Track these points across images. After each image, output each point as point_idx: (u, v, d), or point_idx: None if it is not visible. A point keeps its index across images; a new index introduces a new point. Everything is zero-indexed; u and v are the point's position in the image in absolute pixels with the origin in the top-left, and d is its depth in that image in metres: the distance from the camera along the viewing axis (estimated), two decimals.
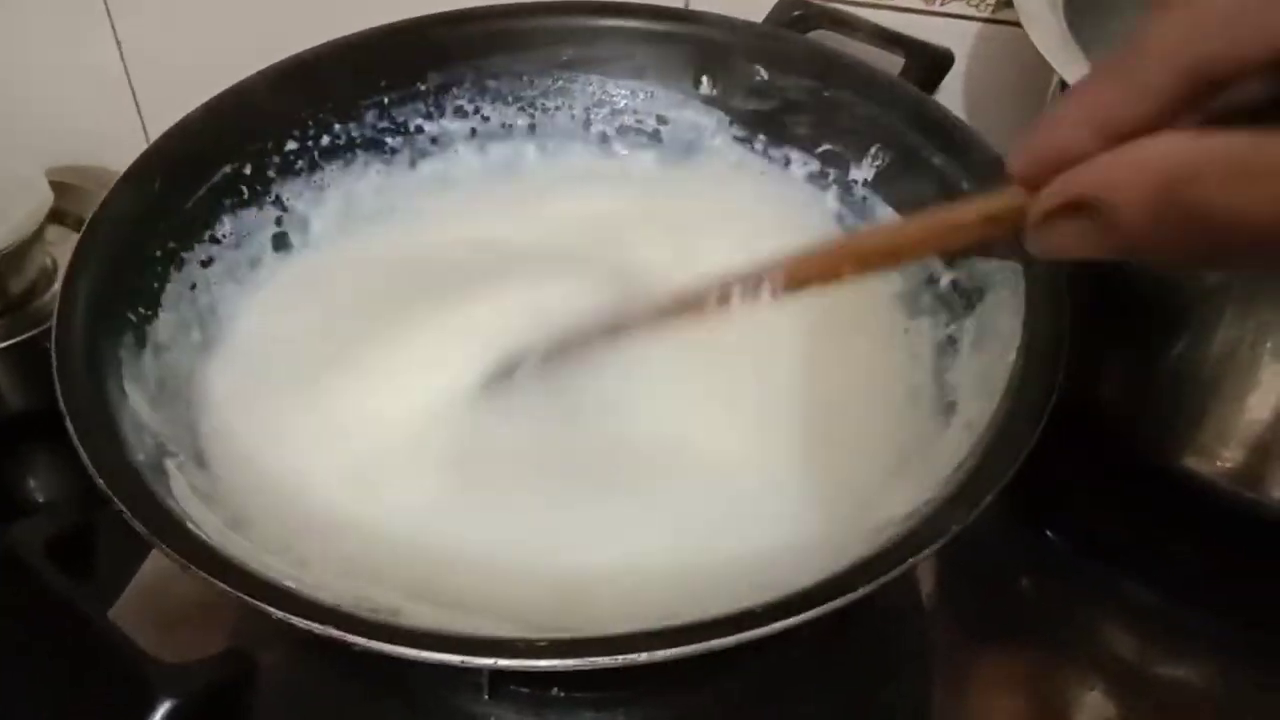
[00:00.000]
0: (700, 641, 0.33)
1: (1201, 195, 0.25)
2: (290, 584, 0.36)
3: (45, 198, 0.67)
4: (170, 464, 0.41)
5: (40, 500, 0.68)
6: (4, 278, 0.66)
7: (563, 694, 0.46)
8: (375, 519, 0.44)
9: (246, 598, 0.34)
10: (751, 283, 0.40)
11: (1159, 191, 0.25)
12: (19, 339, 0.65)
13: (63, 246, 0.71)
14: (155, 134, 0.73)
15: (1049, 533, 0.56)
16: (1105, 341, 0.52)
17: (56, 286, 0.68)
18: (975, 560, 0.53)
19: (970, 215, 0.34)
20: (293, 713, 0.44)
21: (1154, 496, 0.54)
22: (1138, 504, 0.55)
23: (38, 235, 0.67)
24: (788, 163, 0.59)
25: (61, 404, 0.39)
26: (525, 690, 0.45)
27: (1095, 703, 0.49)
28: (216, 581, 0.34)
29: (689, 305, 0.43)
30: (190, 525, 0.37)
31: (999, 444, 0.41)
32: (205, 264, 0.52)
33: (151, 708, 0.33)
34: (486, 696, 0.45)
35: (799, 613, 0.34)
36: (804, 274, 0.40)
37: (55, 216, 0.69)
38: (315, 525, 0.44)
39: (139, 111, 0.78)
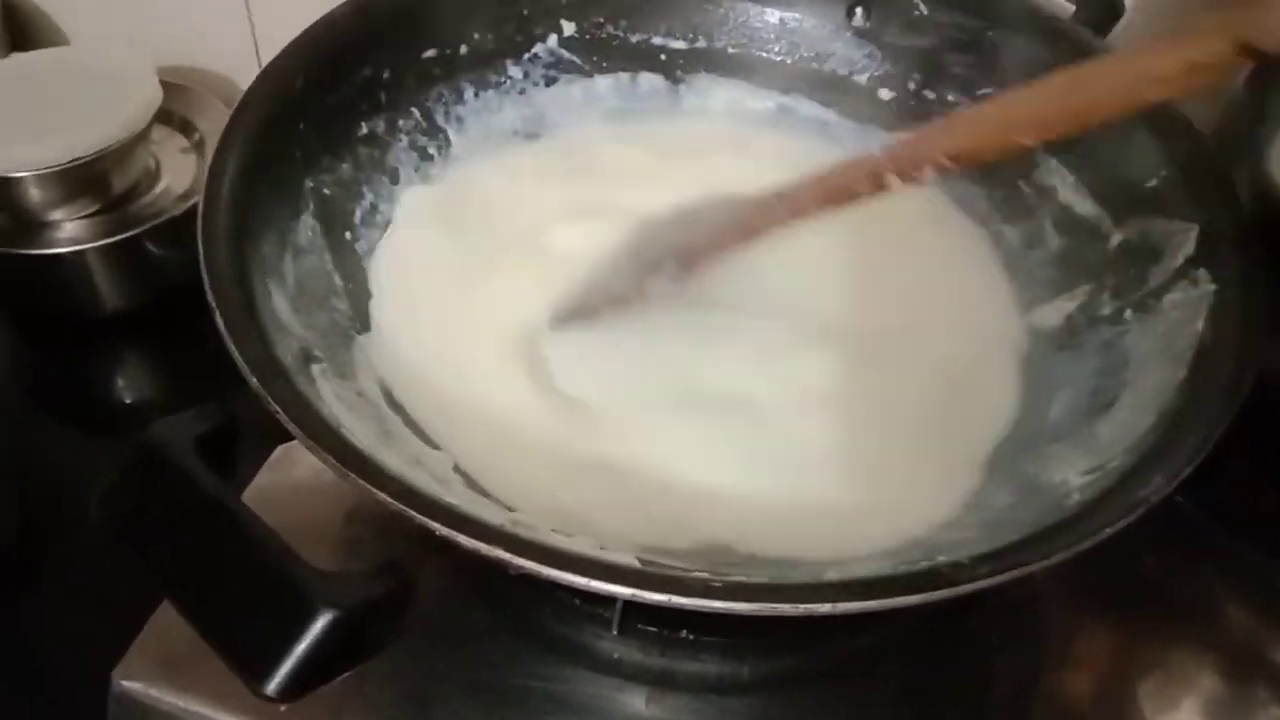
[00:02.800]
0: (888, 597, 0.32)
1: None
2: (450, 499, 0.34)
3: (155, 94, 0.65)
4: (315, 369, 0.40)
5: (127, 401, 0.67)
6: (108, 174, 0.65)
7: (691, 636, 0.44)
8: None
9: (411, 511, 0.32)
10: (909, 163, 0.38)
11: None
12: (120, 237, 0.64)
13: (167, 146, 0.70)
14: (265, 37, 0.72)
15: (1180, 498, 0.53)
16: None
17: (159, 187, 0.68)
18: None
19: (1171, 65, 0.32)
20: (418, 637, 0.42)
21: None
22: None
23: (144, 133, 0.66)
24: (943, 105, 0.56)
25: (211, 297, 0.38)
26: (654, 629, 0.44)
27: (1211, 686, 0.47)
28: (379, 493, 0.33)
29: (839, 192, 0.42)
30: (344, 432, 0.36)
31: (1190, 414, 0.38)
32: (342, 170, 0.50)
33: (310, 617, 0.31)
34: (615, 632, 0.44)
35: (986, 577, 0.32)
36: (973, 145, 0.38)
37: (161, 116, 0.67)
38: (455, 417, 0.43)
39: (250, 15, 0.76)
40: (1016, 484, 0.43)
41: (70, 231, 0.64)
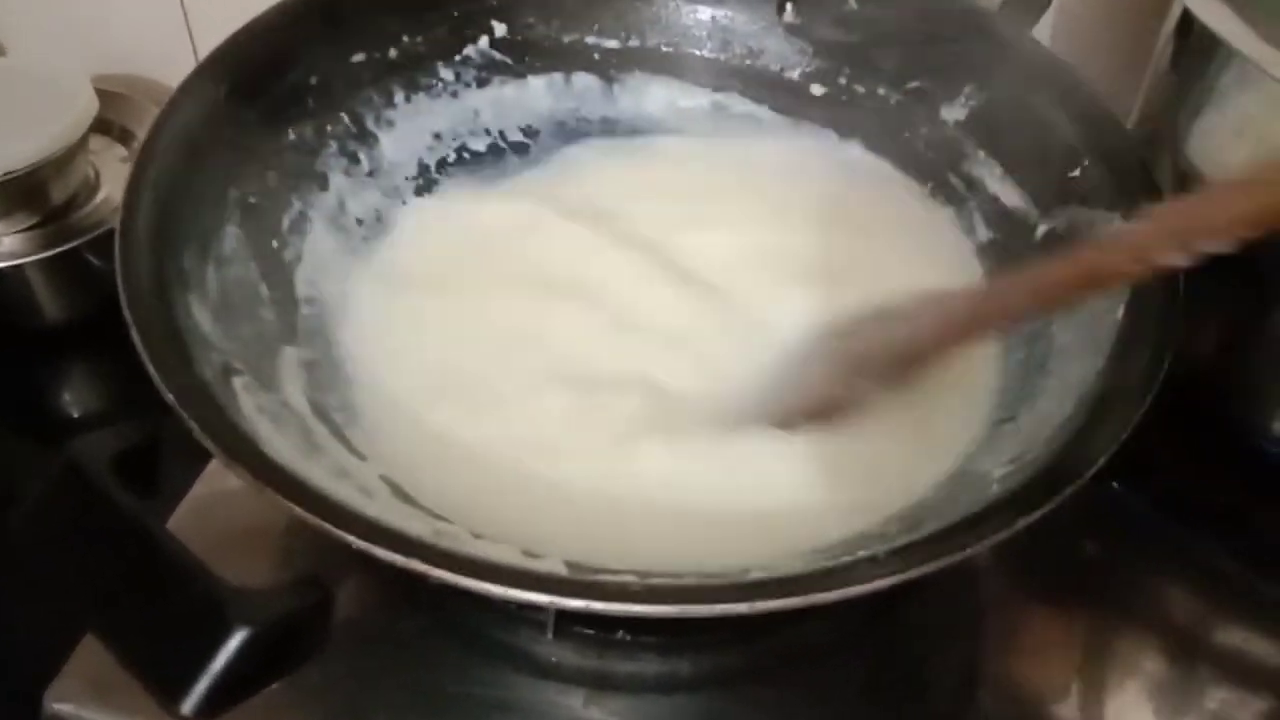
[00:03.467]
0: (804, 594, 0.32)
1: None
2: (370, 511, 0.34)
3: (91, 104, 0.65)
4: (237, 382, 0.40)
5: (74, 414, 0.67)
6: (46, 186, 0.64)
7: (628, 637, 0.44)
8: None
9: (327, 524, 0.32)
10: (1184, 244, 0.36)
11: None
12: (59, 249, 0.64)
13: (106, 156, 0.70)
14: (203, 44, 0.71)
15: (1116, 485, 0.54)
16: (1202, 298, 0.50)
17: (99, 198, 0.67)
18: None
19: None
20: (350, 646, 0.42)
21: (1239, 459, 0.52)
22: (1220, 465, 0.53)
23: (82, 144, 0.65)
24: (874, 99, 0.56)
25: (127, 314, 0.37)
26: (590, 631, 0.44)
27: (1154, 669, 0.47)
28: (295, 506, 0.33)
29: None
30: (262, 446, 0.36)
31: (1108, 402, 0.39)
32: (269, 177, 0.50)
33: (225, 634, 0.31)
34: (550, 636, 0.44)
35: (904, 570, 0.33)
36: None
37: (99, 126, 0.67)
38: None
39: (187, 21, 0.75)
40: (948, 474, 0.43)
41: (8, 245, 0.64)
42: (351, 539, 0.32)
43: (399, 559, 0.32)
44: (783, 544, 0.41)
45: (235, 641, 0.31)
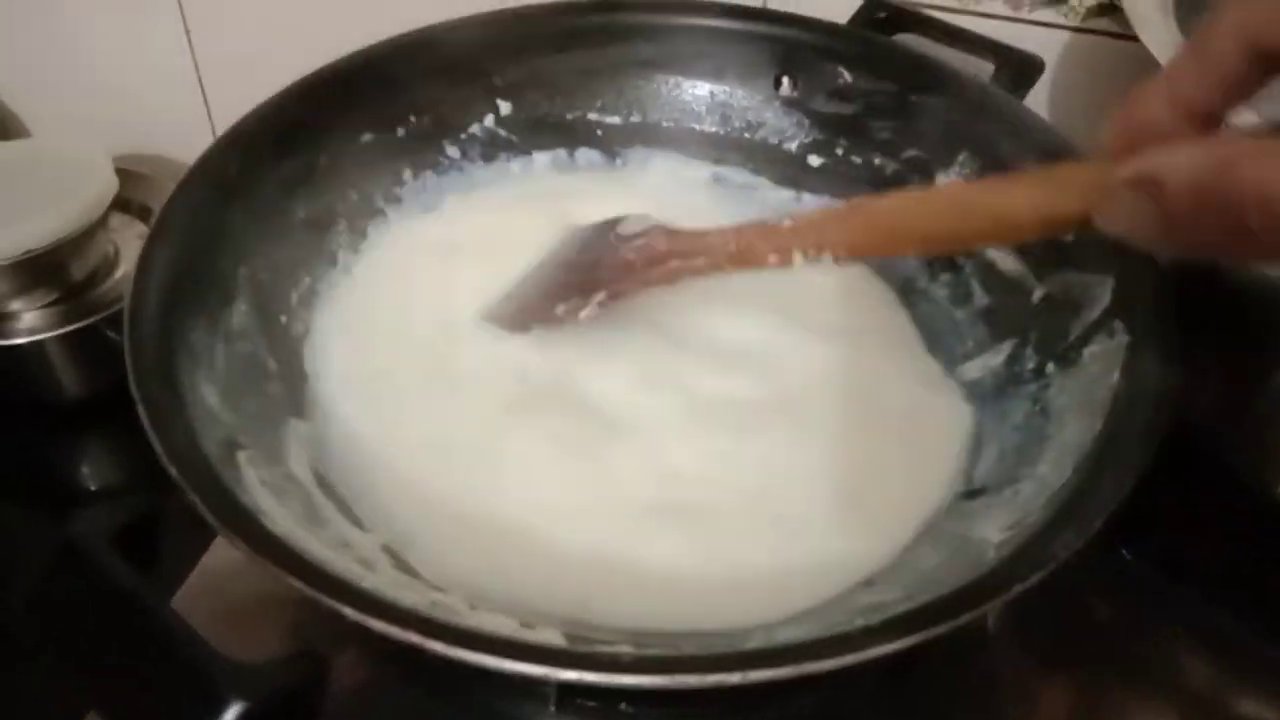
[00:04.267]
0: (799, 664, 0.32)
1: (1235, 179, 0.28)
2: (366, 584, 0.34)
3: (110, 184, 0.66)
4: (241, 456, 0.40)
5: (93, 488, 0.67)
6: (66, 263, 0.66)
7: (630, 709, 0.44)
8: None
9: (322, 596, 0.33)
10: (813, 244, 0.43)
11: (1201, 174, 0.29)
12: (79, 325, 0.65)
13: (125, 234, 0.71)
14: (221, 124, 0.73)
15: (1125, 552, 0.53)
16: (1206, 358, 0.50)
17: (118, 274, 0.69)
18: (1044, 580, 0.50)
19: (1041, 194, 0.36)
20: (354, 718, 0.42)
21: (1248, 523, 0.51)
22: (1229, 529, 0.53)
23: (102, 222, 0.67)
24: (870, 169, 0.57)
25: (134, 390, 0.38)
26: (592, 704, 0.44)
27: None
28: (291, 578, 0.33)
29: (750, 256, 0.45)
30: (262, 519, 0.36)
31: (1105, 464, 0.39)
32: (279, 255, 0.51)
33: (220, 710, 0.31)
34: (553, 709, 0.43)
35: (899, 639, 0.33)
36: (865, 242, 0.42)
37: (119, 204, 0.69)
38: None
39: (205, 101, 0.78)
40: (945, 542, 0.43)
41: (29, 321, 0.65)
42: (346, 610, 0.32)
43: (393, 630, 0.32)
44: (764, 603, 0.42)
45: (230, 716, 0.31)
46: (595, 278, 0.49)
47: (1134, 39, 0.48)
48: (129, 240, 0.71)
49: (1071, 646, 0.50)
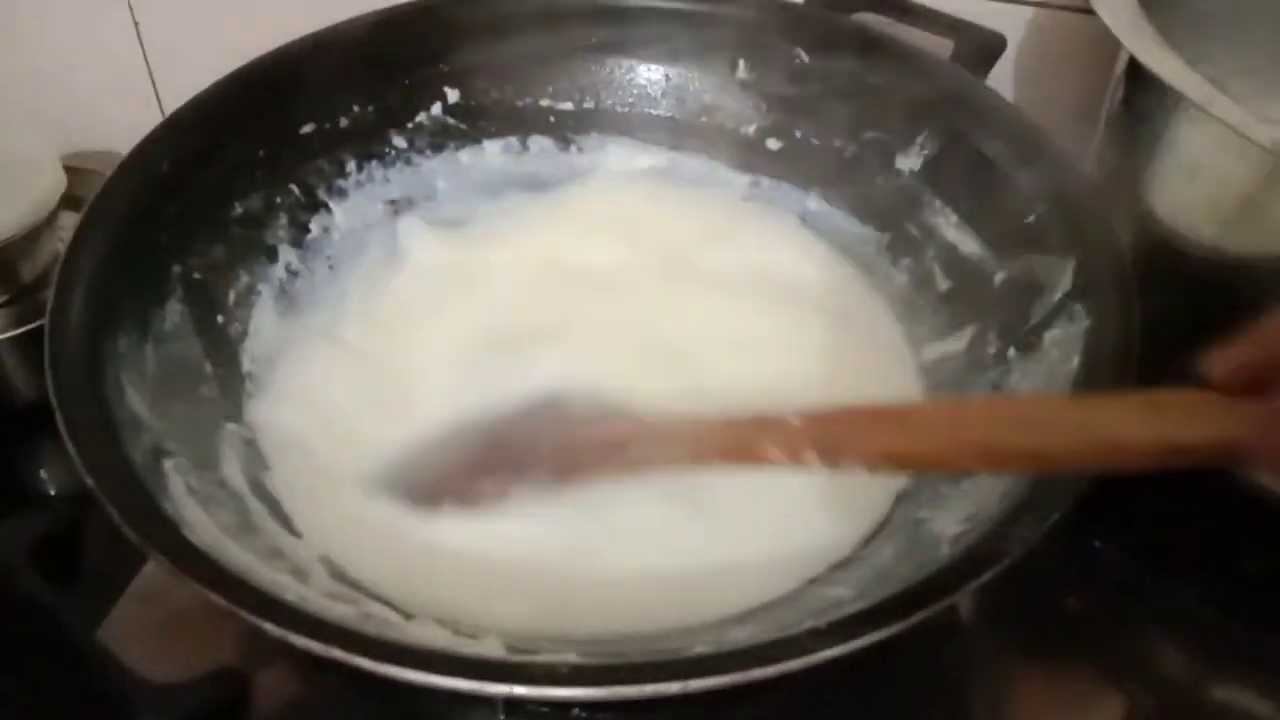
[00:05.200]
0: (740, 671, 0.30)
1: None
2: (292, 597, 0.33)
3: (58, 182, 0.65)
4: (168, 463, 0.39)
5: (52, 493, 0.66)
6: (14, 264, 0.64)
7: (584, 715, 0.43)
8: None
9: (241, 610, 0.31)
10: (833, 448, 0.35)
11: None
12: (30, 327, 0.63)
13: None
14: None
15: (1098, 542, 0.52)
16: (1173, 342, 0.49)
17: None
18: (1015, 572, 0.50)
19: (1152, 436, 0.32)
20: None
21: (1223, 510, 0.50)
22: (1203, 516, 0.52)
23: (50, 221, 0.65)
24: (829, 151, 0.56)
25: (53, 397, 0.37)
26: (545, 709, 0.43)
27: None
28: (209, 591, 0.32)
29: (746, 450, 0.37)
30: (185, 531, 0.35)
31: None
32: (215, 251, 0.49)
33: None
34: (502, 717, 0.42)
35: (845, 642, 0.31)
36: (913, 453, 0.35)
37: (69, 202, 0.67)
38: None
39: (156, 96, 0.76)
40: (904, 534, 0.42)
41: None
42: (266, 625, 0.31)
43: (314, 646, 0.30)
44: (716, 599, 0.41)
45: None
46: (532, 456, 0.43)
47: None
48: None
49: (1045, 635, 0.49)
